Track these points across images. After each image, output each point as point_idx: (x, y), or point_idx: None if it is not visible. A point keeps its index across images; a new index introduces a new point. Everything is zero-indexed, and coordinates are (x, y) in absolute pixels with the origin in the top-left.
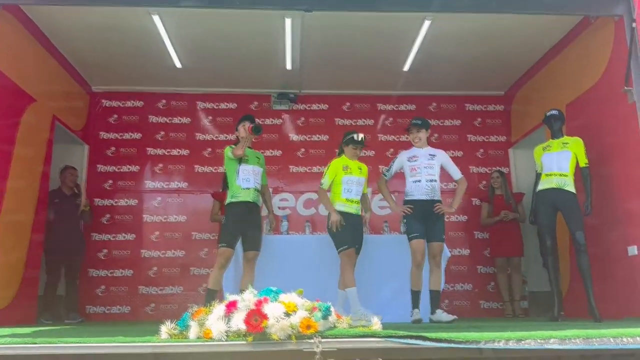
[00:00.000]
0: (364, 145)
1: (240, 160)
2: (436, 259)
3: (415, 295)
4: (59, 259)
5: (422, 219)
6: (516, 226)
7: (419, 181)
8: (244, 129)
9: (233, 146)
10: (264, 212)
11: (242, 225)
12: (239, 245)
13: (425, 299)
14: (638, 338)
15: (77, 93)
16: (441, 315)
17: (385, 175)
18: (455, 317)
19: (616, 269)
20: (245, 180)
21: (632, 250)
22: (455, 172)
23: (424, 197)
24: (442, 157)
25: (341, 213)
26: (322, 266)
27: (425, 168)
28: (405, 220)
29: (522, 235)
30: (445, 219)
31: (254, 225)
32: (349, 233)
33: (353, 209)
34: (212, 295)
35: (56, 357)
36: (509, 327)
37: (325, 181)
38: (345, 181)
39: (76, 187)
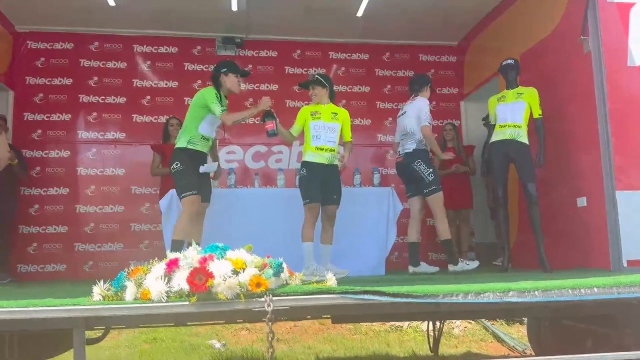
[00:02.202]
0: (313, 83)
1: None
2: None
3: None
4: None
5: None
6: (466, 179)
7: None
8: (232, 82)
9: (219, 94)
10: None
11: (196, 174)
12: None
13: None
14: (595, 289)
15: None
16: (426, 267)
17: (431, 123)
18: (437, 268)
19: (565, 220)
20: (208, 129)
21: (582, 201)
22: None
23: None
24: None
25: (310, 164)
26: (274, 220)
27: None
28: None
29: (471, 187)
30: (396, 173)
31: (205, 176)
32: (315, 186)
33: (325, 158)
34: (179, 247)
35: None
36: (461, 280)
37: (294, 127)
38: (312, 127)
39: None
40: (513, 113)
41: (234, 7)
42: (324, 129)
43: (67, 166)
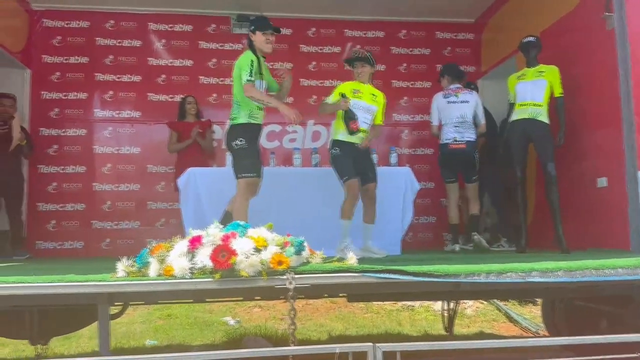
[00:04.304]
0: (363, 60)
1: (261, 74)
2: None
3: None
4: None
5: None
6: None
7: None
8: (260, 41)
9: (257, 60)
10: None
11: (258, 152)
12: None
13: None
14: (620, 270)
15: (12, 10)
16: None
17: None
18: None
19: (584, 200)
20: None
21: (602, 182)
22: None
23: None
24: None
25: (343, 142)
26: (294, 200)
27: None
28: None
29: None
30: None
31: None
32: (350, 164)
33: (357, 138)
34: None
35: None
36: (480, 260)
37: (329, 99)
38: (351, 105)
39: (10, 118)
40: (533, 91)
41: None
42: (362, 109)
43: (83, 144)
